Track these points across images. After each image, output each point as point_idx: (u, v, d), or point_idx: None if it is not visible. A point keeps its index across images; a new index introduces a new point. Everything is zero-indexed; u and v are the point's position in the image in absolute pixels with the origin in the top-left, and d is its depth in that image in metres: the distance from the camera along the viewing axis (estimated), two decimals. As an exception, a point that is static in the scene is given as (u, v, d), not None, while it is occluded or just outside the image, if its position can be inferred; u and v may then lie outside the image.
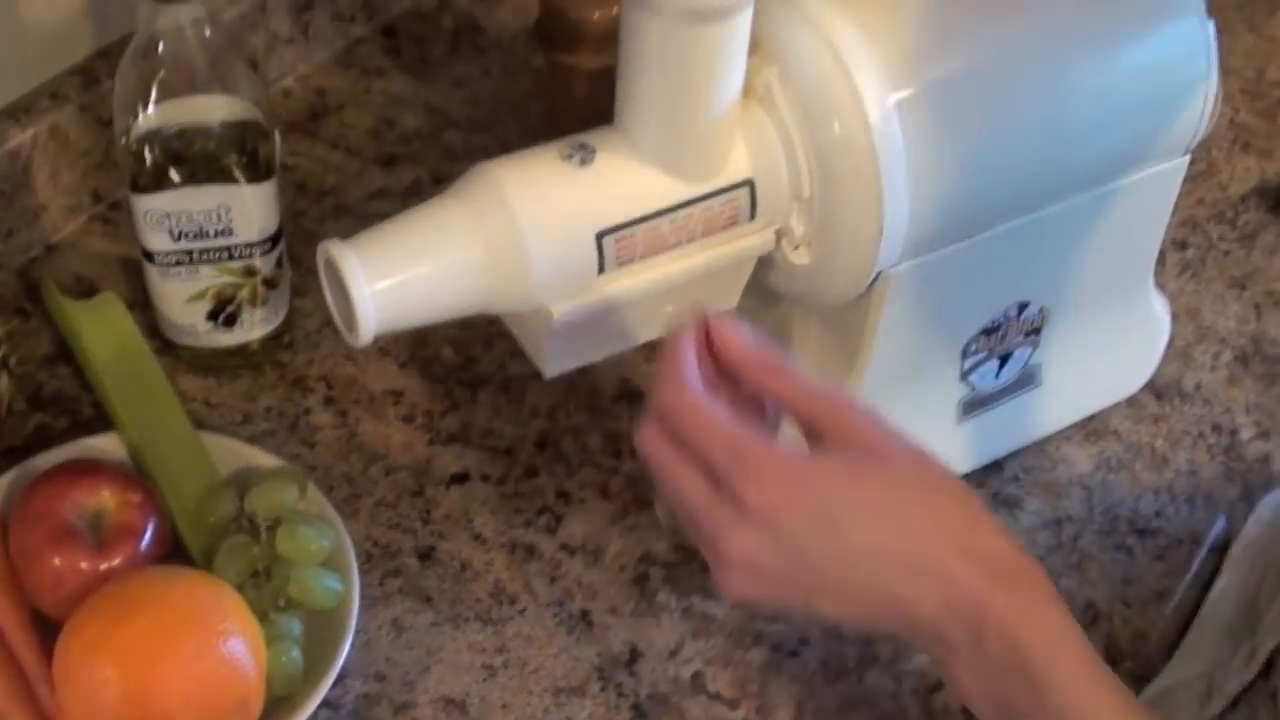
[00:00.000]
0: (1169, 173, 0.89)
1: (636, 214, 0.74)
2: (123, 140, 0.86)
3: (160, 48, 0.83)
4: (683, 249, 0.76)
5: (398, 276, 0.70)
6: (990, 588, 0.67)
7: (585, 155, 0.74)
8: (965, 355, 0.88)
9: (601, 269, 0.74)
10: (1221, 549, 0.90)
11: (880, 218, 0.76)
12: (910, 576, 0.68)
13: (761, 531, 0.67)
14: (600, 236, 0.73)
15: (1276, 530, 0.88)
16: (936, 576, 0.68)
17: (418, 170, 1.07)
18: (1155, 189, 0.89)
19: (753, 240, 0.78)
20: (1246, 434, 0.97)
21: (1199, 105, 0.86)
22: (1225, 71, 1.22)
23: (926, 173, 0.76)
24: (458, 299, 0.72)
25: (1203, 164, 1.15)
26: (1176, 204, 1.11)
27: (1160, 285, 1.04)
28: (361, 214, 1.02)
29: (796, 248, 0.79)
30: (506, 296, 0.73)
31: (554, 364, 0.78)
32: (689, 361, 0.68)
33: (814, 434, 0.70)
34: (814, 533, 0.67)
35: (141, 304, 0.95)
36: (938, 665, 0.70)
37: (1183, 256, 1.08)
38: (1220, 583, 0.87)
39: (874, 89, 0.75)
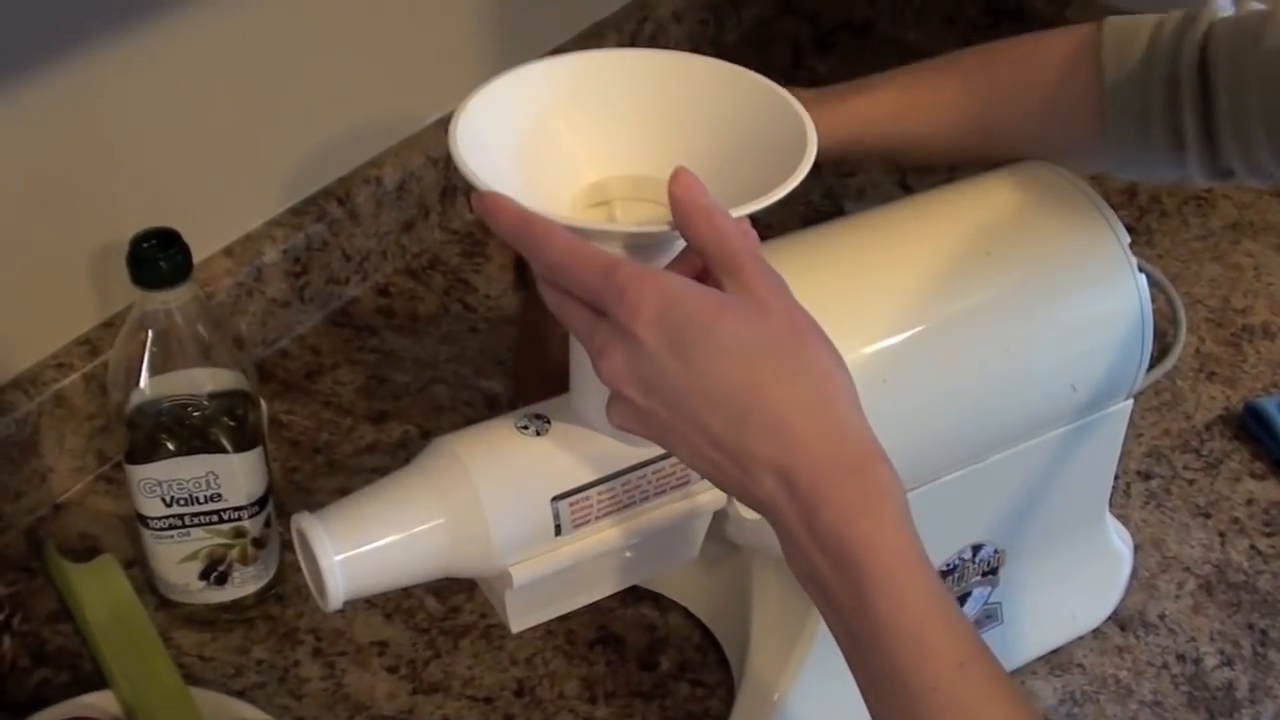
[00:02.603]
0: (1114, 415, 0.93)
1: (590, 478, 0.78)
2: (118, 413, 0.91)
3: (150, 328, 0.88)
4: (637, 508, 0.80)
5: (364, 546, 0.74)
6: (829, 472, 0.65)
7: (540, 426, 0.78)
8: (922, 598, 0.91)
9: (558, 532, 0.78)
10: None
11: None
12: (747, 428, 0.65)
13: (626, 349, 0.66)
14: (555, 501, 0.77)
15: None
16: (779, 437, 0.65)
17: (406, 425, 1.10)
18: (1101, 432, 0.93)
19: (704, 498, 0.81)
20: (1211, 662, 0.99)
21: (1136, 355, 0.90)
22: (1190, 301, 1.27)
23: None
24: (422, 565, 0.76)
25: (1168, 394, 1.18)
26: (1142, 435, 1.14)
27: (1125, 516, 1.07)
28: (352, 469, 1.05)
29: (746, 503, 0.82)
30: (468, 561, 0.77)
31: (518, 621, 0.81)
32: (547, 221, 0.68)
33: (715, 277, 0.68)
34: (665, 356, 0.65)
35: (141, 561, 0.98)
36: (778, 540, 0.68)
37: (1148, 487, 1.11)
38: None
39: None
